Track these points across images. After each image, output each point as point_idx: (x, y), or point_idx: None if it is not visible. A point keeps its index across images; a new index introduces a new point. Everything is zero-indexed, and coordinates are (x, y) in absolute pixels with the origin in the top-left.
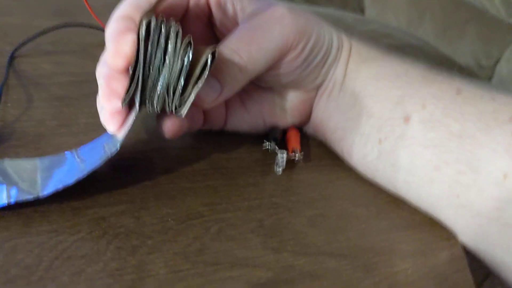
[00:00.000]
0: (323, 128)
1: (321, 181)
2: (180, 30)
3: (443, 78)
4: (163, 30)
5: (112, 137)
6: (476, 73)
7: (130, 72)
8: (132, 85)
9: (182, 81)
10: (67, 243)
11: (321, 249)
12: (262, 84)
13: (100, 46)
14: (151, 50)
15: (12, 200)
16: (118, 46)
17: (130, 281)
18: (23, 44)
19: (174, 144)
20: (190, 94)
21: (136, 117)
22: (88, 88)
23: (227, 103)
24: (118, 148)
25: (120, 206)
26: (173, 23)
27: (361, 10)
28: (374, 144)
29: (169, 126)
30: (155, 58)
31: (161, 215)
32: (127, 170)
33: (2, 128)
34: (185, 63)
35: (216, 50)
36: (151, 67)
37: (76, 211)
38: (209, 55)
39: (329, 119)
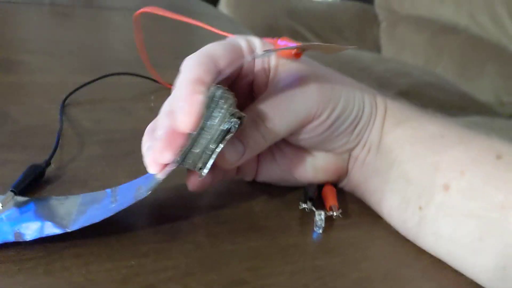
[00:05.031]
0: (361, 189)
1: (363, 240)
2: (234, 103)
3: (482, 141)
4: (220, 101)
5: (146, 181)
6: (498, 111)
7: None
8: (187, 145)
9: (215, 146)
10: None
11: None
12: (291, 143)
13: (134, 101)
14: (207, 115)
15: (44, 234)
16: (191, 108)
17: None
18: (69, 95)
19: (213, 203)
20: (211, 156)
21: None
22: (127, 147)
23: (259, 156)
24: (147, 195)
25: (167, 273)
26: (231, 95)
27: (378, 49)
28: (415, 210)
29: (193, 181)
30: (205, 123)
31: (206, 281)
32: (170, 232)
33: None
34: (223, 129)
35: (244, 118)
36: (200, 129)
37: (126, 279)
38: (236, 122)
39: (367, 182)
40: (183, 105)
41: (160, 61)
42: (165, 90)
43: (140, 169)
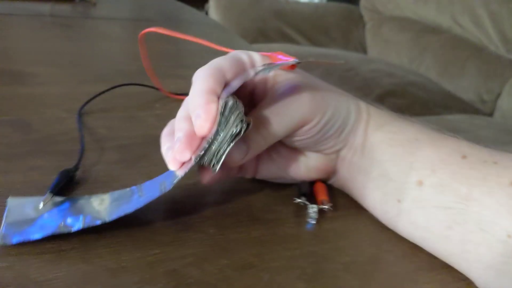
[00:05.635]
0: (348, 186)
1: (350, 229)
2: (242, 110)
3: (450, 143)
4: (233, 108)
5: (168, 177)
6: (479, 108)
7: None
8: (205, 146)
9: (229, 147)
10: None
11: None
12: (287, 144)
13: (141, 109)
14: (221, 122)
15: (85, 225)
16: (207, 116)
17: None
18: (84, 105)
19: (219, 199)
20: (223, 155)
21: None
22: (139, 151)
23: (258, 156)
24: (170, 189)
25: (186, 259)
26: (240, 103)
27: (363, 49)
28: (394, 203)
29: (206, 177)
30: (220, 128)
31: (220, 266)
32: (184, 225)
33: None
34: (233, 133)
35: (251, 123)
36: (215, 133)
37: (153, 265)
38: (244, 126)
39: (354, 179)
40: (199, 113)
41: (161, 70)
42: (167, 99)
43: (153, 171)
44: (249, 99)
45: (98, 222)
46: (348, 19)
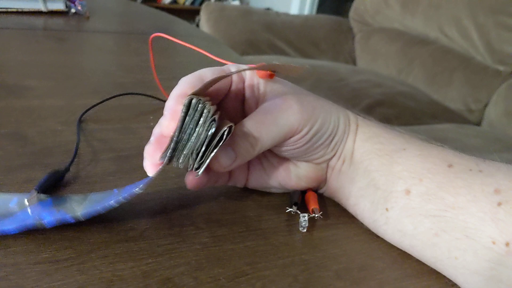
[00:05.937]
0: (338, 195)
1: (341, 238)
2: (211, 109)
3: (437, 152)
4: (199, 107)
5: (145, 180)
6: (467, 117)
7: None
8: (169, 146)
9: (203, 148)
10: None
11: None
12: (277, 154)
13: (136, 121)
14: (188, 121)
15: (58, 222)
16: (172, 115)
17: None
18: (83, 114)
19: (213, 209)
20: (206, 158)
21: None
22: (135, 162)
23: (249, 165)
24: (143, 189)
25: (180, 268)
26: (207, 103)
27: (353, 60)
28: (382, 212)
29: (191, 181)
30: (188, 128)
31: (214, 274)
32: (179, 235)
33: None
34: (208, 134)
35: (232, 126)
36: (184, 134)
37: (147, 274)
38: (226, 130)
39: (343, 188)
40: (166, 113)
41: (156, 82)
42: (161, 110)
43: None
44: (241, 111)
45: (71, 220)
46: (338, 31)
